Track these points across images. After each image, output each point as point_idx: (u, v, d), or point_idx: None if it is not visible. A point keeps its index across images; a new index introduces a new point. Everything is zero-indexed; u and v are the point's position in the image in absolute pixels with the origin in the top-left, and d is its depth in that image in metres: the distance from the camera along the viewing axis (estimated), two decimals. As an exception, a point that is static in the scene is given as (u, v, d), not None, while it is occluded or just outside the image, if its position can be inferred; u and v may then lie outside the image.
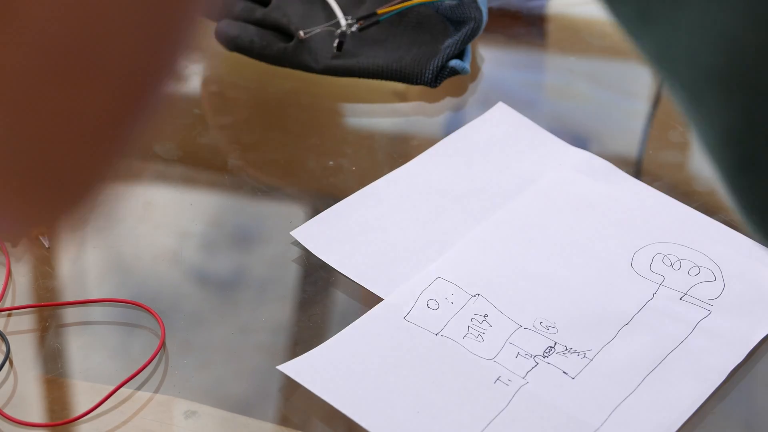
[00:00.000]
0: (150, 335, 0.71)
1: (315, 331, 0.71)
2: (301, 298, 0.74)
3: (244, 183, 0.82)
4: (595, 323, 0.69)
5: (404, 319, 0.70)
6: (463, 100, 0.89)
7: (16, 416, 0.66)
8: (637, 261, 0.73)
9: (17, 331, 0.71)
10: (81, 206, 0.33)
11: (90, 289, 0.75)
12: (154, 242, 0.78)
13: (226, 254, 0.77)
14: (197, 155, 0.85)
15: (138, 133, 0.32)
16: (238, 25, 0.90)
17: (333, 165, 0.83)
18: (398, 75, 0.87)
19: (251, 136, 0.86)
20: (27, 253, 0.77)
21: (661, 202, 0.77)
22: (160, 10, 0.29)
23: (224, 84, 0.92)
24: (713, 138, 0.41)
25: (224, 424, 0.66)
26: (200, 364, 0.69)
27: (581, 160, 0.81)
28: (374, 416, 0.64)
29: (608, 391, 0.65)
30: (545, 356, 0.67)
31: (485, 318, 0.69)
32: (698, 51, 0.40)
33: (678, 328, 0.69)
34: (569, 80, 0.91)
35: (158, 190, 0.83)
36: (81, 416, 0.66)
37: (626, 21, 0.43)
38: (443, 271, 0.72)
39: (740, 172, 0.40)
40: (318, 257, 0.74)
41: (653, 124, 0.87)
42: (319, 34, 0.89)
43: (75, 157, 0.30)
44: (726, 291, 0.71)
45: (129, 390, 0.67)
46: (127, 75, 0.30)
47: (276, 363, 0.67)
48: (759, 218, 0.41)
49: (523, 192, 0.78)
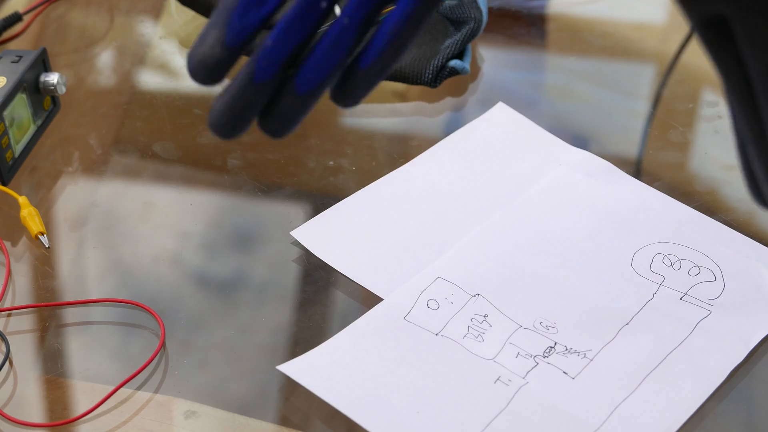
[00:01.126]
0: (150, 335, 0.71)
1: (315, 331, 0.71)
2: (301, 298, 0.74)
3: (244, 183, 0.82)
4: (595, 323, 0.69)
5: (404, 319, 0.70)
6: (463, 100, 0.89)
7: (16, 416, 0.66)
8: (637, 261, 0.73)
9: (17, 331, 0.71)
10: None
11: (90, 289, 0.75)
12: (154, 242, 0.78)
13: (226, 254, 0.77)
14: (197, 155, 0.85)
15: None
16: (238, 25, 0.90)
17: (333, 165, 0.83)
18: (398, 75, 0.87)
19: (251, 136, 0.86)
20: (27, 253, 0.77)
21: (661, 202, 0.77)
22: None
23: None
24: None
25: (224, 424, 0.66)
26: (200, 364, 0.69)
27: (581, 160, 0.81)
28: (374, 416, 0.64)
29: (608, 391, 0.65)
30: (545, 356, 0.67)
31: (485, 318, 0.70)
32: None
33: (678, 328, 0.69)
34: (569, 80, 0.91)
35: (158, 190, 0.83)
36: (81, 416, 0.66)
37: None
38: (443, 271, 0.72)
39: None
40: (318, 257, 0.74)
41: (653, 124, 0.87)
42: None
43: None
44: (726, 291, 0.71)
45: (129, 390, 0.67)
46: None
47: (276, 363, 0.67)
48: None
49: (523, 192, 0.78)
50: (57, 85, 0.84)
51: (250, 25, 0.50)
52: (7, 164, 0.81)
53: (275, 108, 0.51)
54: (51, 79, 0.84)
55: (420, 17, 0.49)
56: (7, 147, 0.80)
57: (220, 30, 0.49)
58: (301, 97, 0.50)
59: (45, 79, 0.84)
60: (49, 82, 0.84)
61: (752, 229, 0.76)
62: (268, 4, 0.50)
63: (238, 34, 0.49)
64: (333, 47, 0.50)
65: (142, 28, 0.99)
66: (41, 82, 0.84)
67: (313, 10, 0.50)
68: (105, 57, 0.96)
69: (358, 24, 0.50)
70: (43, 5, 0.99)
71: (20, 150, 0.83)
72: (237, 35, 0.49)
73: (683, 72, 0.91)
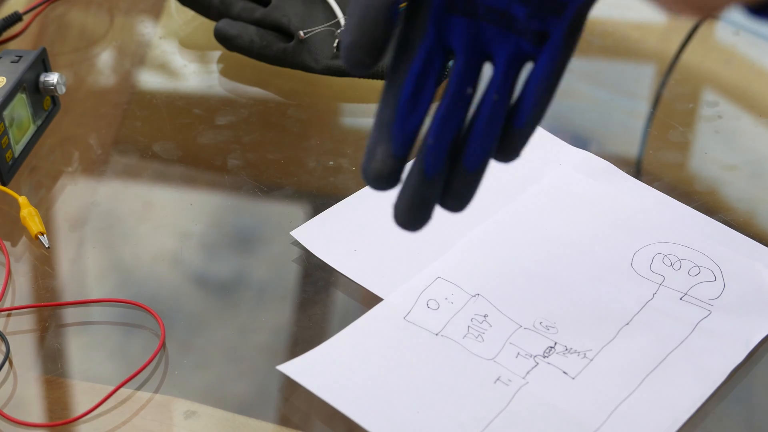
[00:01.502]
0: (150, 335, 0.71)
1: (315, 331, 0.71)
2: (301, 298, 0.74)
3: (244, 183, 0.82)
4: (595, 323, 0.69)
5: (404, 319, 0.70)
6: (463, 100, 0.89)
7: (16, 416, 0.66)
8: (637, 261, 0.73)
9: (17, 331, 0.71)
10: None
11: (90, 289, 0.75)
12: (154, 242, 0.78)
13: (226, 254, 0.77)
14: (197, 155, 0.85)
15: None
16: (238, 25, 0.90)
17: (333, 165, 0.83)
18: (398, 75, 0.86)
19: (251, 136, 0.86)
20: (27, 253, 0.77)
21: (661, 202, 0.77)
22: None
23: (224, 84, 0.92)
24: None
25: (224, 424, 0.66)
26: (200, 364, 0.69)
27: (581, 160, 0.81)
28: (374, 416, 0.64)
29: (608, 391, 0.65)
30: (545, 356, 0.67)
31: (485, 318, 0.70)
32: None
33: (678, 328, 0.69)
34: (569, 80, 0.91)
35: (158, 190, 0.83)
36: (81, 416, 0.66)
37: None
38: (443, 271, 0.72)
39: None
40: (318, 257, 0.74)
41: (653, 124, 0.87)
42: (319, 34, 0.89)
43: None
44: (726, 291, 0.71)
45: (129, 390, 0.67)
46: None
47: (276, 363, 0.67)
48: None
49: (523, 192, 0.78)
50: (57, 85, 0.84)
51: (411, 132, 0.54)
52: (7, 164, 0.81)
53: (452, 190, 0.56)
54: (51, 79, 0.84)
55: (560, 70, 0.54)
56: (7, 147, 0.80)
57: (386, 144, 0.54)
58: (472, 175, 0.55)
59: (45, 79, 0.84)
60: (49, 82, 0.84)
61: (752, 229, 0.76)
62: (421, 108, 0.54)
63: (403, 144, 0.54)
64: (489, 124, 0.54)
65: (142, 28, 0.99)
66: (41, 82, 0.84)
67: (462, 100, 0.55)
68: (105, 57, 0.96)
69: (506, 97, 0.54)
70: (43, 5, 0.99)
71: (20, 150, 0.83)
72: (402, 145, 0.54)
73: (683, 72, 0.91)
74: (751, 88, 0.90)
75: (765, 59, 0.94)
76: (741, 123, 0.86)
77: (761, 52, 0.94)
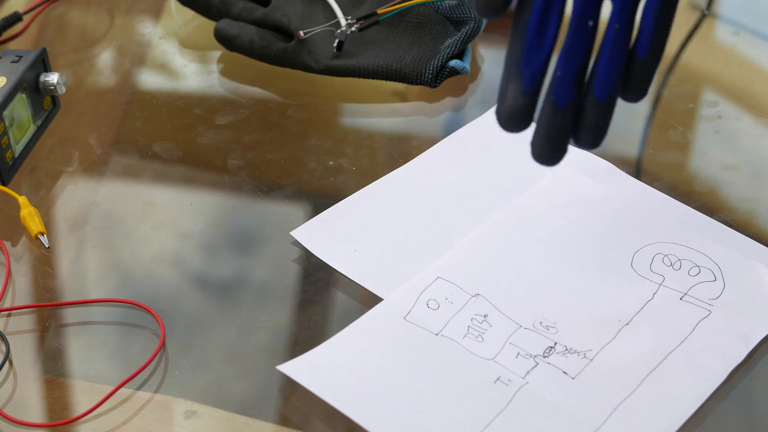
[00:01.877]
0: (150, 335, 0.71)
1: (315, 331, 0.71)
2: (301, 298, 0.74)
3: (244, 183, 0.82)
4: (595, 323, 0.69)
5: (404, 319, 0.70)
6: (463, 100, 0.89)
7: (16, 416, 0.66)
8: (637, 261, 0.73)
9: (17, 331, 0.71)
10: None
11: (90, 289, 0.75)
12: (154, 242, 0.78)
13: (226, 254, 0.77)
14: (197, 155, 0.85)
15: None
16: (238, 25, 0.90)
17: (333, 165, 0.83)
18: (398, 75, 0.87)
19: (251, 136, 0.86)
20: (27, 253, 0.77)
21: (661, 202, 0.77)
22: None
23: (224, 84, 0.92)
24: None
25: (224, 424, 0.66)
26: (200, 364, 0.69)
27: (581, 160, 0.81)
28: (374, 416, 0.64)
29: (608, 391, 0.65)
30: (545, 356, 0.67)
31: (485, 318, 0.70)
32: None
33: (678, 328, 0.69)
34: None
35: (158, 190, 0.83)
36: (81, 416, 0.66)
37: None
38: (443, 271, 0.72)
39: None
40: (318, 257, 0.74)
41: (653, 124, 0.87)
42: (319, 34, 0.89)
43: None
44: (726, 291, 0.71)
45: (129, 390, 0.67)
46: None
47: (276, 363, 0.67)
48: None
49: (523, 192, 0.78)
50: (57, 85, 0.84)
51: (538, 68, 0.57)
52: (7, 164, 0.81)
53: (585, 123, 0.58)
54: (51, 79, 0.84)
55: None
56: (7, 147, 0.80)
57: (515, 81, 0.57)
58: (604, 105, 0.57)
59: (45, 79, 0.84)
60: (49, 82, 0.84)
61: (752, 229, 0.76)
62: (547, 42, 0.57)
63: (531, 80, 0.57)
64: (614, 53, 0.57)
65: (142, 28, 0.99)
66: (41, 82, 0.84)
67: (584, 32, 0.57)
68: (105, 57, 0.96)
69: (627, 26, 0.57)
70: (43, 5, 0.99)
71: (20, 150, 0.83)
72: (531, 81, 0.57)
73: (683, 72, 0.92)
74: (751, 88, 0.90)
75: (765, 59, 0.94)
76: (741, 123, 0.86)
77: (761, 52, 0.94)
